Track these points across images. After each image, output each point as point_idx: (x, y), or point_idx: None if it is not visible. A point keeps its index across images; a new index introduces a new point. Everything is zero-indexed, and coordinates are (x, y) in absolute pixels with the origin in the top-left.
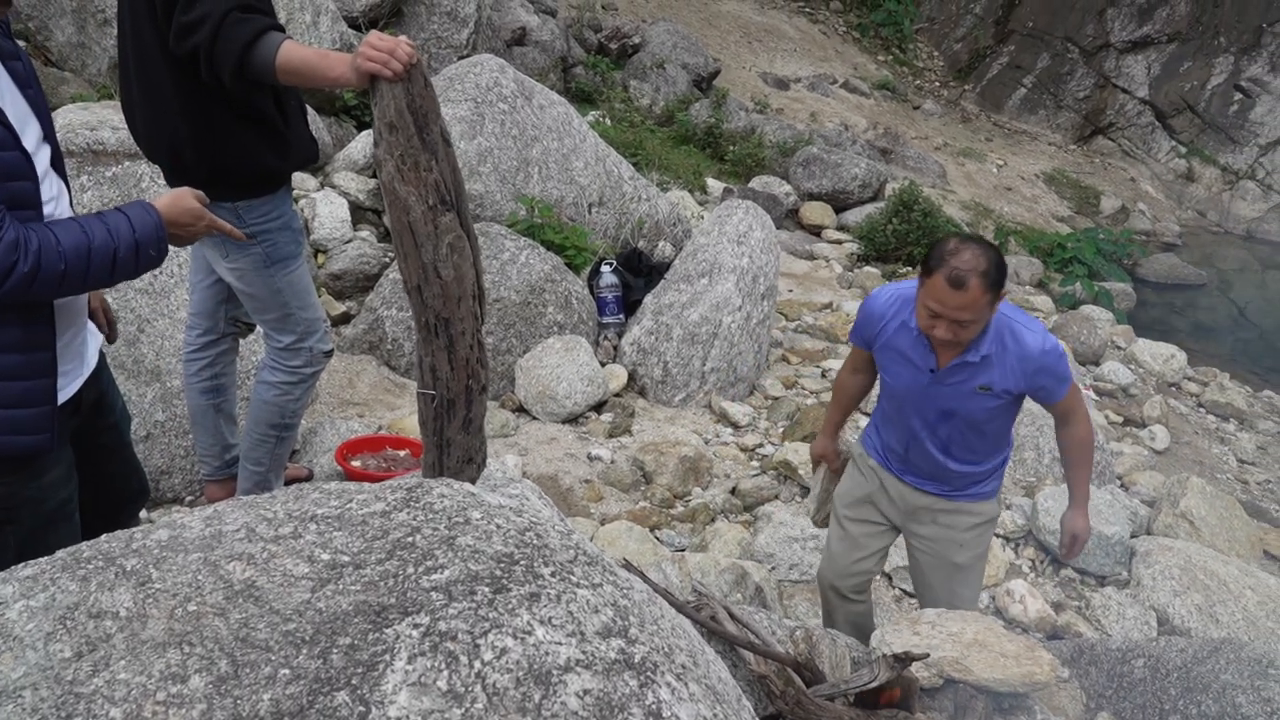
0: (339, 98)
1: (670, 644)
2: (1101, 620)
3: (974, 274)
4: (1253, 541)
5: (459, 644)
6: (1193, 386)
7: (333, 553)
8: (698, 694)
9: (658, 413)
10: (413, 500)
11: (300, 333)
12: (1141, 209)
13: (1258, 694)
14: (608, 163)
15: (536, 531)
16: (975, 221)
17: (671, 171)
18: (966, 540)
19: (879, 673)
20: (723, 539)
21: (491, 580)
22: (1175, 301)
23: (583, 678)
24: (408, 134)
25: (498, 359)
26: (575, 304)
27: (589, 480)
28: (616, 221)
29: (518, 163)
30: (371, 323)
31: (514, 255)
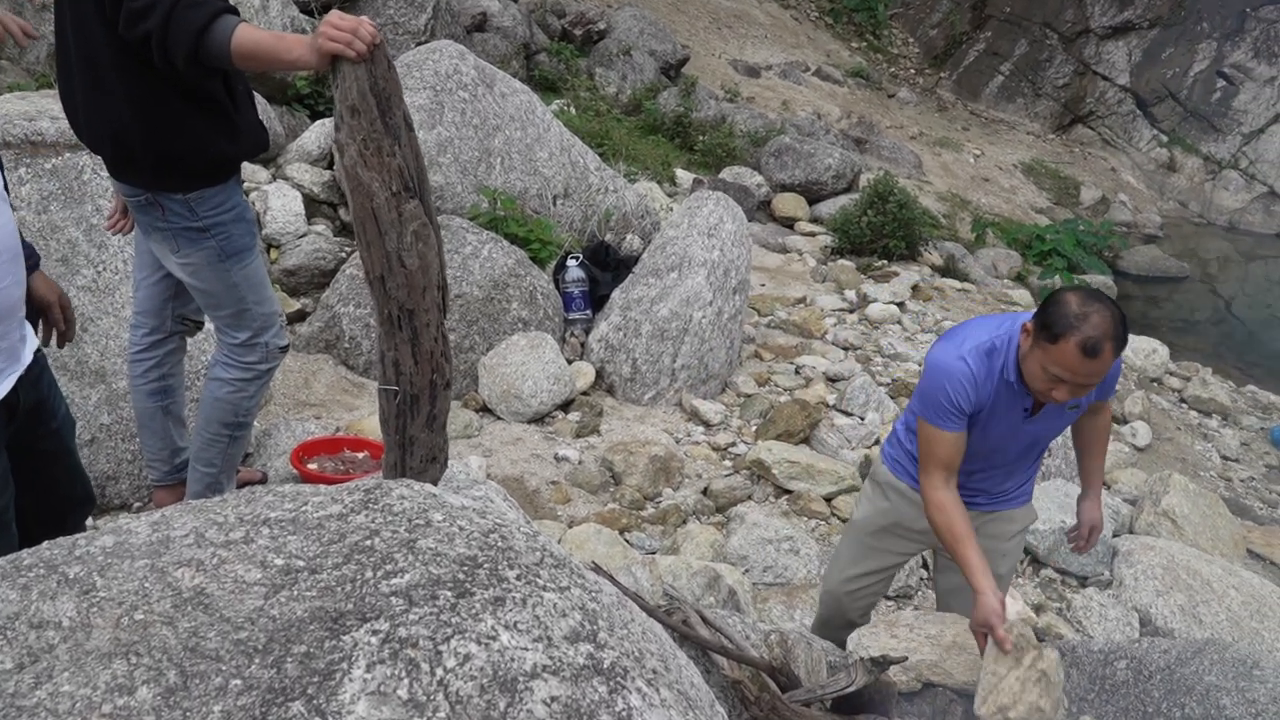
0: (291, 85)
1: (641, 648)
2: (1083, 622)
3: (1108, 340)
4: (1236, 540)
5: (420, 651)
6: (1175, 382)
7: (287, 557)
8: (669, 700)
9: (627, 411)
10: (371, 502)
11: (256, 328)
12: (1122, 200)
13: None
14: (573, 153)
15: (501, 533)
16: (952, 213)
17: (639, 162)
18: (1008, 550)
19: (856, 676)
20: (694, 541)
21: (454, 584)
22: (1157, 295)
23: (550, 684)
24: (370, 117)
25: (460, 357)
26: (540, 299)
27: (556, 482)
28: (582, 214)
29: (479, 153)
30: (328, 320)
31: (476, 249)
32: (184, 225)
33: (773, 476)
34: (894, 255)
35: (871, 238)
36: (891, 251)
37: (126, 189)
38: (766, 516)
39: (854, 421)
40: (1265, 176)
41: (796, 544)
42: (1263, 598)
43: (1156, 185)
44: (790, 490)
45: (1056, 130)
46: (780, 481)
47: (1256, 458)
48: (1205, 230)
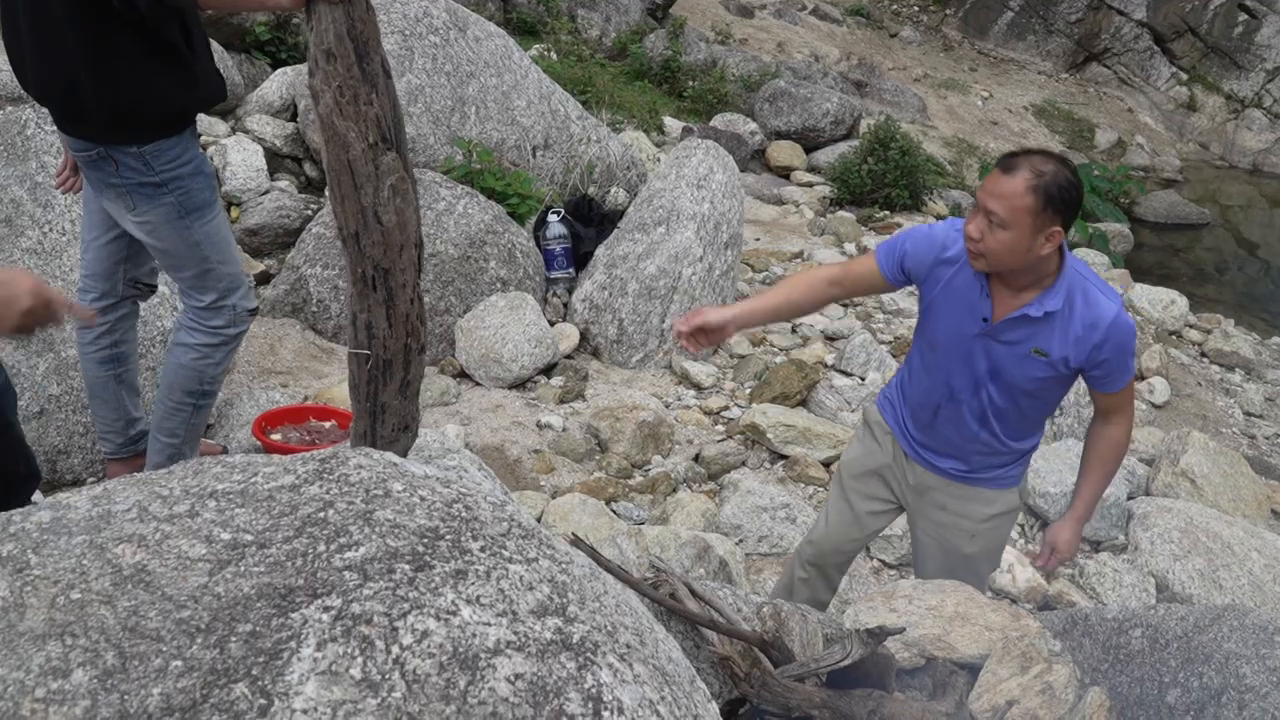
0: (249, 31)
1: (614, 622)
2: (1097, 589)
3: (1028, 168)
4: (1259, 500)
5: (375, 627)
6: (1195, 334)
7: (234, 532)
8: (644, 675)
9: (613, 375)
10: (326, 472)
11: (222, 289)
12: (1139, 142)
13: (1263, 663)
14: (553, 101)
15: (465, 503)
16: (959, 159)
17: (624, 110)
18: (980, 531)
19: (851, 649)
20: (685, 510)
21: (413, 557)
22: (1176, 242)
23: (514, 660)
24: (347, 63)
25: (435, 320)
26: (520, 257)
27: (539, 450)
28: (564, 166)
29: (452, 102)
30: (294, 283)
31: (450, 205)
32: (139, 180)
33: (768, 441)
34: (896, 205)
35: (872, 187)
36: (894, 201)
37: (77, 144)
38: (761, 483)
39: (854, 382)
40: None
41: (793, 512)
42: None
43: (1176, 126)
44: (786, 455)
45: (1070, 69)
46: (776, 446)
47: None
48: (1227, 173)
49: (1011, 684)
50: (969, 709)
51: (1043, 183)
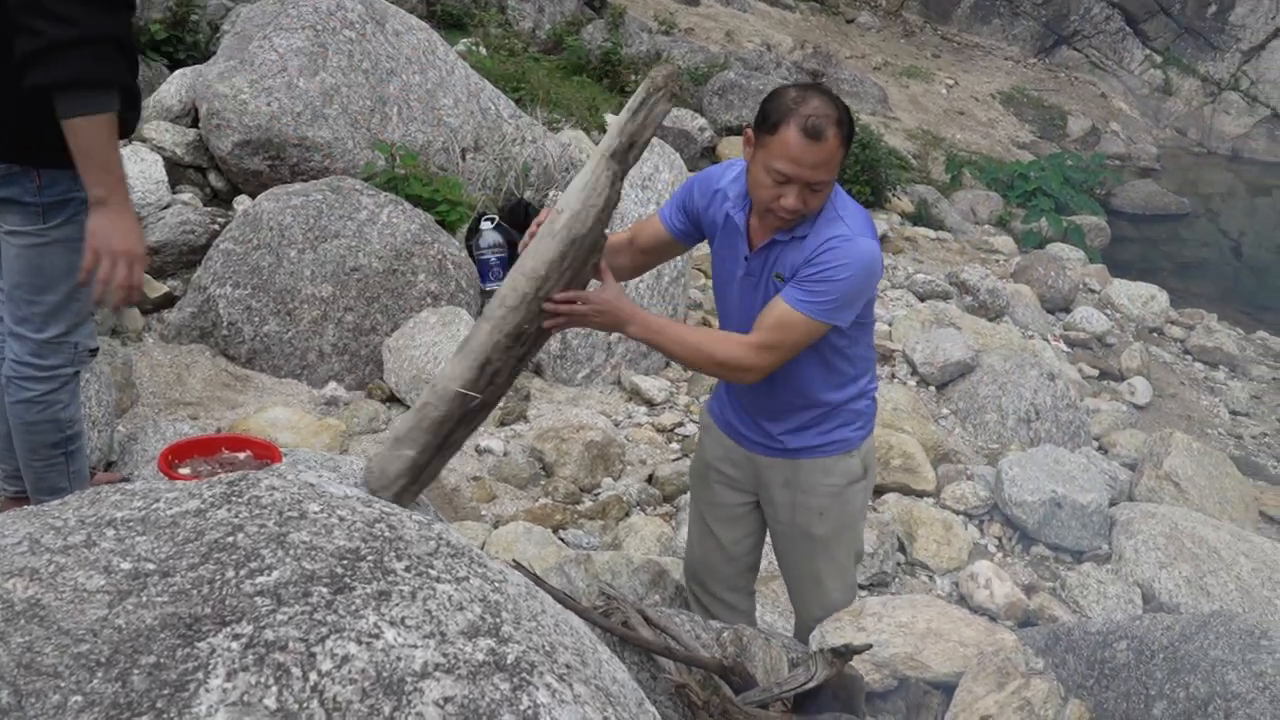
0: (143, 31)
1: (552, 642)
2: (1080, 601)
3: (831, 123)
4: (1247, 502)
5: (290, 654)
6: (1177, 331)
7: (135, 561)
8: (584, 696)
9: (557, 393)
10: (235, 495)
11: (70, 324)
12: (1114, 129)
13: (1249, 669)
14: (482, 99)
15: (389, 523)
16: (924, 152)
17: (562, 108)
18: (828, 508)
19: (816, 670)
20: (639, 535)
21: (331, 579)
22: (1155, 234)
23: (443, 684)
24: None
25: (361, 340)
26: (451, 269)
27: (478, 477)
28: (497, 169)
29: (371, 102)
30: (201, 304)
31: (373, 214)
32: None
33: None
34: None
35: None
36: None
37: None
38: None
39: None
40: (1268, 98)
41: None
42: (1275, 563)
43: (1151, 111)
44: None
45: (1038, 54)
46: None
47: (1269, 411)
48: (1206, 160)
49: (988, 701)
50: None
51: (843, 131)
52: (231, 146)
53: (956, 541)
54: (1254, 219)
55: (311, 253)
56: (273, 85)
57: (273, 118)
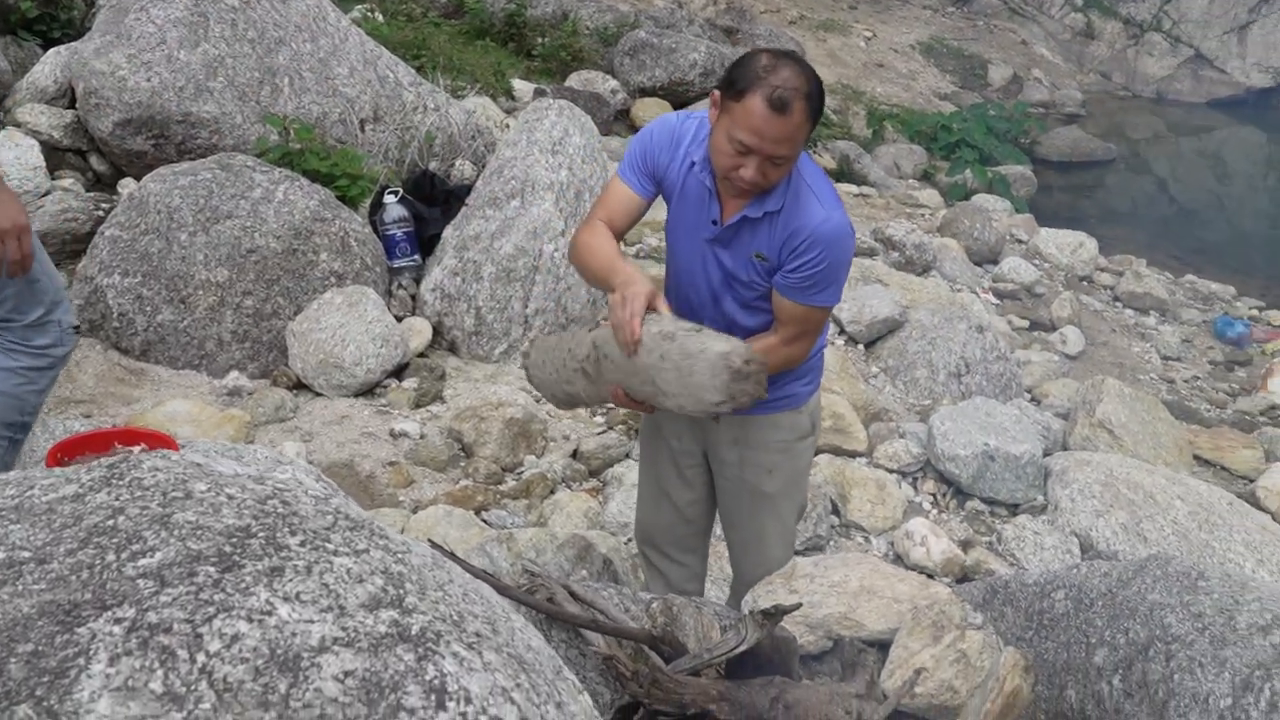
0: (14, 9)
1: (461, 611)
2: (1017, 554)
3: (798, 96)
4: (1181, 446)
5: (175, 636)
6: (1106, 278)
7: (8, 550)
8: (495, 663)
9: (474, 371)
10: (115, 478)
11: (49, 303)
12: (1036, 76)
13: (1187, 610)
14: (380, 66)
15: (282, 499)
16: (844, 107)
17: (466, 74)
18: (777, 465)
19: (746, 634)
20: (565, 512)
21: (219, 558)
22: (1081, 181)
23: (342, 658)
24: None
25: (262, 325)
26: (355, 246)
27: (394, 462)
28: (399, 139)
29: (260, 74)
30: (89, 296)
31: (268, 192)
32: None
33: None
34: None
35: None
36: None
37: None
38: None
39: None
40: (1191, 38)
41: None
42: (1211, 505)
43: (1074, 57)
44: None
45: (956, 2)
46: None
47: (1200, 354)
48: (1131, 104)
49: (924, 655)
50: (881, 688)
51: (811, 104)
52: (112, 127)
53: (890, 501)
54: (1180, 162)
55: (204, 235)
56: (152, 59)
57: (154, 94)
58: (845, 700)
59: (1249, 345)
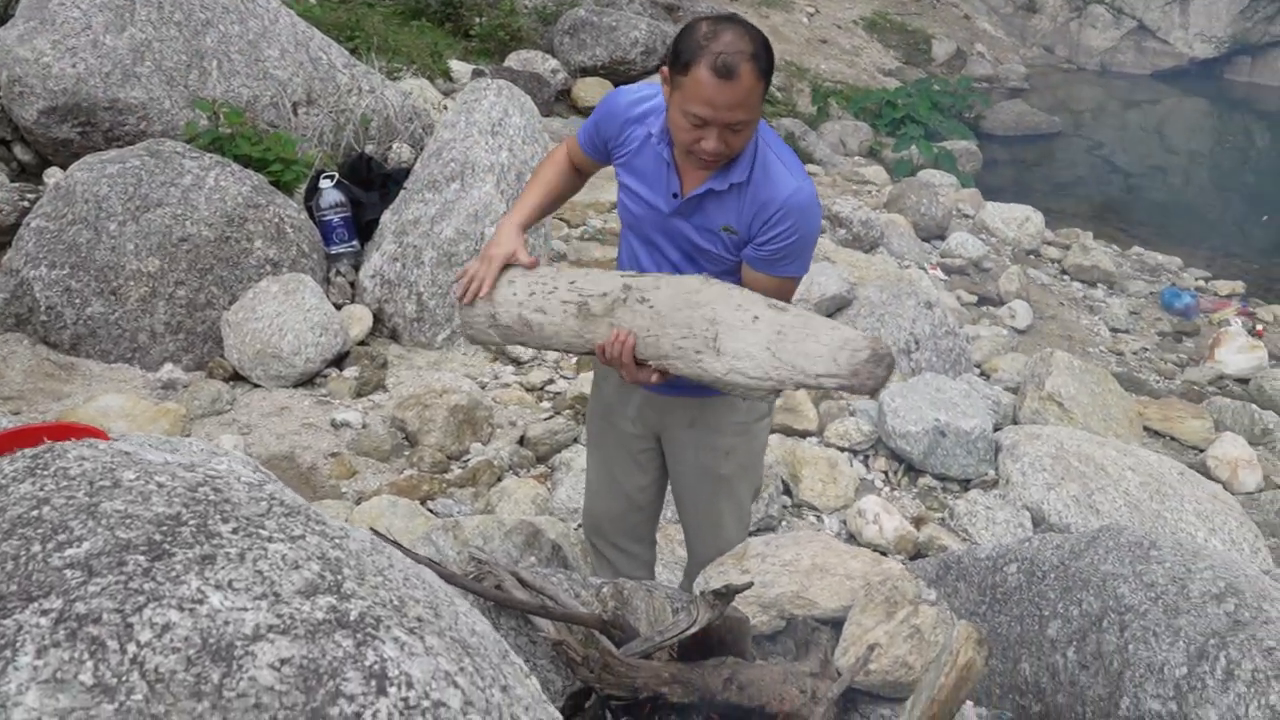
0: None
1: (401, 596)
2: (969, 529)
3: (744, 58)
4: (1131, 418)
5: (105, 626)
6: (1053, 251)
7: None
8: (438, 647)
9: (417, 358)
10: (40, 468)
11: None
12: (980, 51)
13: (1140, 580)
14: (312, 48)
15: (214, 485)
16: (788, 84)
17: (401, 55)
18: (734, 446)
19: (698, 614)
20: (513, 499)
21: (149, 547)
22: (1026, 155)
23: (278, 645)
24: None
25: (196, 315)
26: (291, 233)
27: (336, 453)
28: (333, 123)
29: (188, 57)
30: (15, 289)
31: (199, 178)
32: None
33: None
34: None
35: None
36: None
37: None
38: None
39: None
40: (1134, 9)
41: None
42: (1161, 476)
43: (1017, 30)
44: None
45: None
46: None
47: (1148, 325)
48: (1075, 77)
49: (877, 632)
50: (835, 666)
51: (760, 64)
52: (37, 115)
53: (842, 479)
54: (1125, 134)
55: (134, 224)
56: (77, 45)
57: (79, 80)
58: (799, 679)
59: (1196, 316)
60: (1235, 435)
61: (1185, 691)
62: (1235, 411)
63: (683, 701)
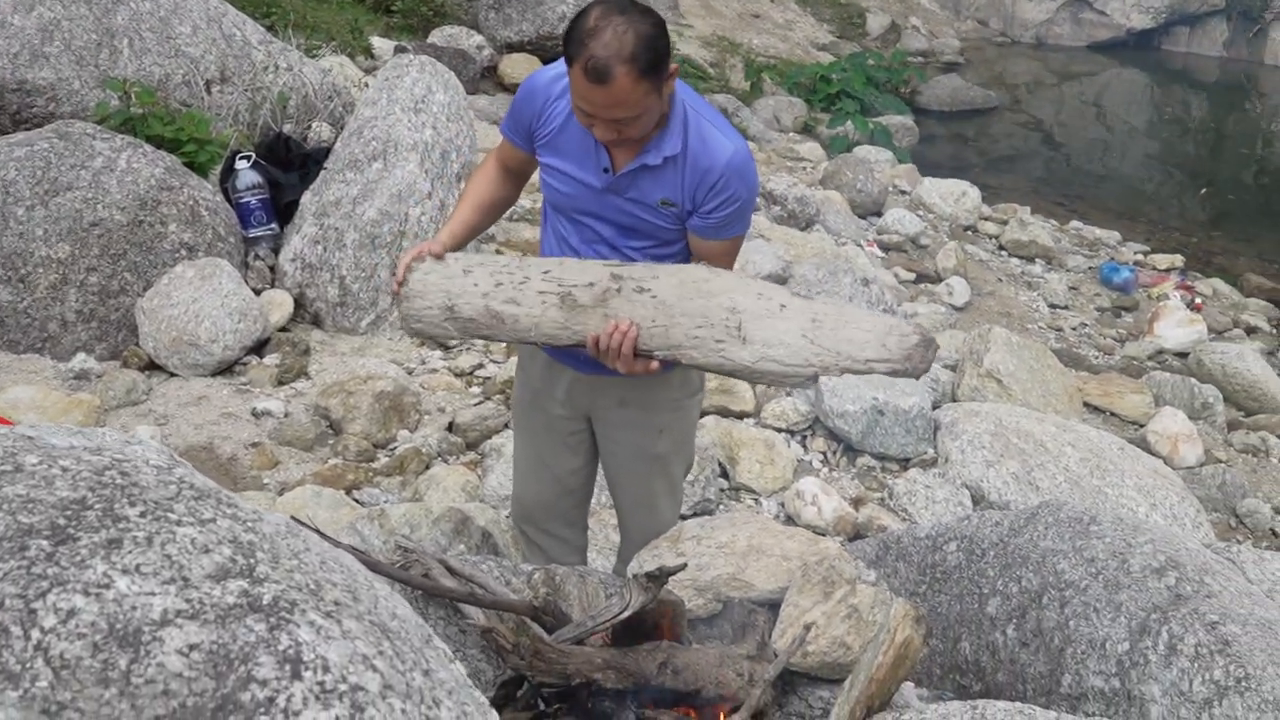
0: None
1: (318, 580)
2: (909, 509)
3: (617, 61)
4: (1070, 393)
5: (7, 612)
6: (991, 227)
7: None
8: (356, 631)
9: (340, 344)
10: None
11: None
12: (914, 24)
13: (1080, 556)
14: (225, 24)
15: (121, 469)
16: (720, 60)
17: (321, 31)
18: (668, 424)
19: (631, 598)
20: (442, 487)
21: (52, 531)
22: (963, 130)
23: (187, 630)
24: None
25: (110, 303)
26: (206, 216)
27: (257, 443)
28: (249, 101)
29: (98, 36)
30: None
31: (110, 160)
32: None
33: None
34: None
35: None
36: None
37: None
38: None
39: None
40: None
41: None
42: (1101, 451)
43: (951, 4)
44: None
45: None
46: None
47: (1087, 301)
48: (1010, 50)
49: (815, 612)
50: (772, 648)
51: (639, 65)
52: None
53: (780, 460)
54: (1062, 108)
55: (42, 209)
56: None
57: None
58: (736, 662)
59: (1135, 290)
60: (1175, 410)
61: (1128, 667)
62: (1175, 386)
63: (617, 687)
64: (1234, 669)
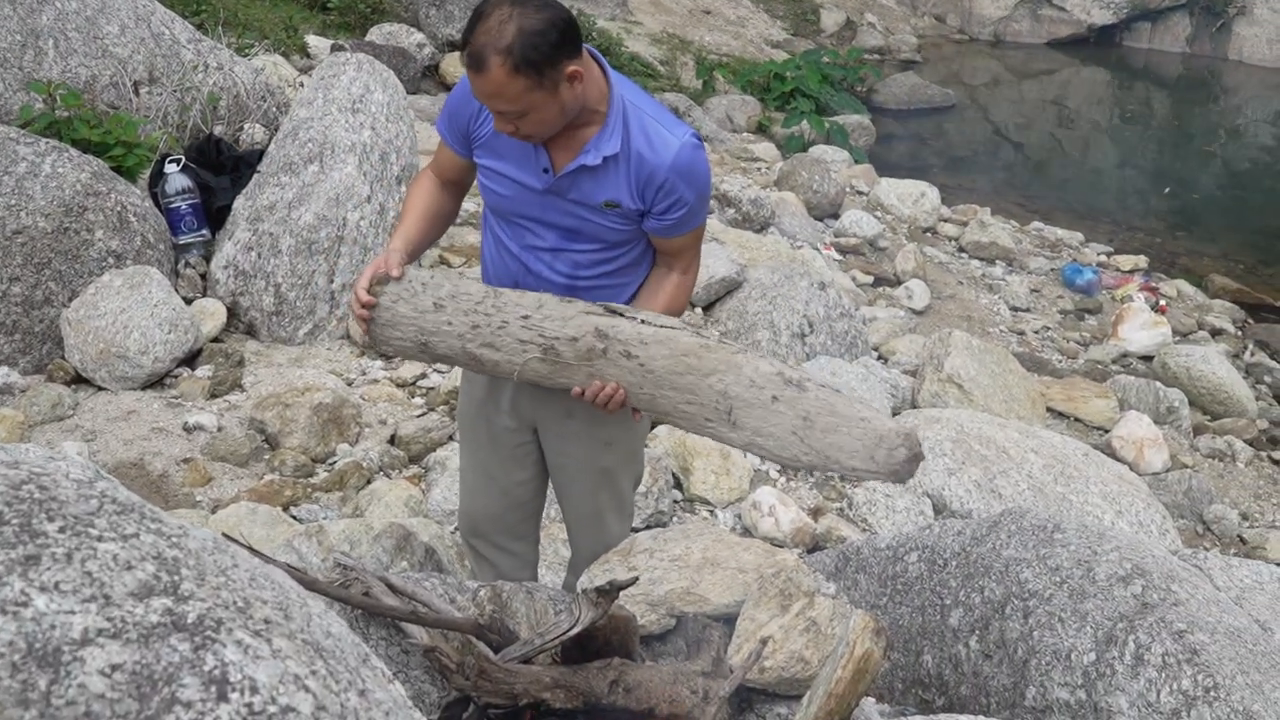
0: None
1: (247, 597)
2: (869, 519)
3: (491, 51)
4: (1033, 398)
5: None
6: (950, 229)
7: None
8: (287, 650)
9: (276, 355)
10: None
11: None
12: (870, 21)
13: (1044, 564)
14: (153, 23)
15: (39, 483)
16: (671, 58)
17: (253, 30)
18: (614, 436)
19: (581, 614)
20: (383, 502)
21: None
22: (921, 130)
23: (109, 650)
24: None
25: (34, 313)
26: (135, 222)
27: (189, 459)
28: (178, 102)
29: (22, 36)
30: None
31: (34, 165)
32: None
33: None
34: None
35: None
36: None
37: None
38: None
39: None
40: None
41: None
42: (1065, 458)
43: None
44: None
45: None
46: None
47: (1049, 304)
48: (968, 47)
49: (772, 626)
50: (728, 664)
51: (513, 59)
52: None
53: (736, 470)
54: (1021, 106)
55: None
56: None
57: None
58: (690, 679)
59: (1098, 292)
60: (1140, 414)
61: (1094, 679)
62: (1140, 390)
63: (566, 707)
64: (1202, 678)
